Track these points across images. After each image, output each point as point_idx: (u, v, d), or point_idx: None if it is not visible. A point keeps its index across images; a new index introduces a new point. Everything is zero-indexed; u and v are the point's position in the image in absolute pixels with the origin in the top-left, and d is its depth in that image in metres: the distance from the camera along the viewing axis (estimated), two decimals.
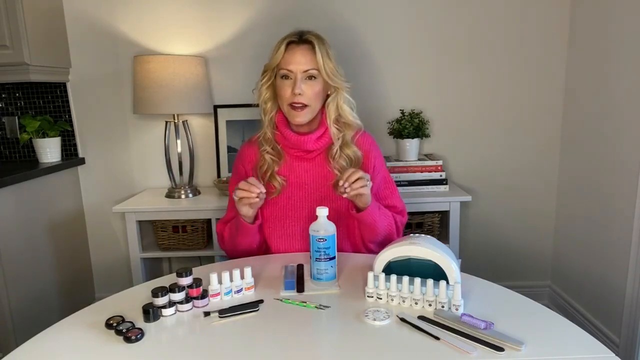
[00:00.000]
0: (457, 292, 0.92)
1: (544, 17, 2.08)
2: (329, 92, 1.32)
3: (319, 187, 1.33)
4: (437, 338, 0.84)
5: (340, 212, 1.30)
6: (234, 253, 1.37)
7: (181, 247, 2.01)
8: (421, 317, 0.91)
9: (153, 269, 2.17)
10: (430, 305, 0.94)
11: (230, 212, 1.40)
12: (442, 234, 2.05)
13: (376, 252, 1.08)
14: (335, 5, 2.08)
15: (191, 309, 0.98)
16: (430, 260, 0.98)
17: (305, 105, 1.26)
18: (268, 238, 1.34)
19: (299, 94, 1.24)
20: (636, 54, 1.65)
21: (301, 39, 1.27)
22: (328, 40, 1.32)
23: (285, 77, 1.26)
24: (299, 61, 1.25)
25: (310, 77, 1.26)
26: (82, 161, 2.19)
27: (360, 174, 1.15)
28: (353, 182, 1.14)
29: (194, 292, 0.99)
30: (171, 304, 0.96)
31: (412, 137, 2.00)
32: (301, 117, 1.27)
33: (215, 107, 2.13)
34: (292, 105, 1.26)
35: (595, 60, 1.90)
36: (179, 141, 2.02)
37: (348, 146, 1.32)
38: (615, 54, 1.77)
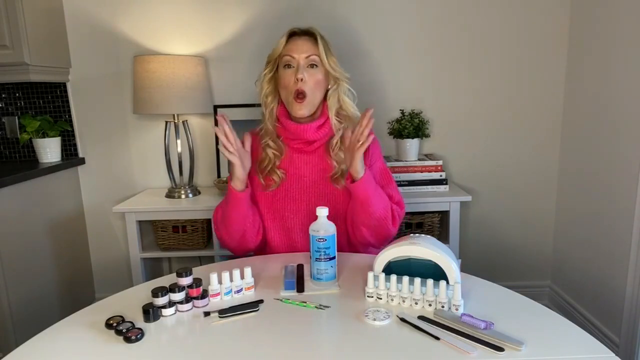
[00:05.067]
0: (457, 292, 0.92)
1: (544, 17, 2.08)
2: (329, 86, 1.33)
3: (318, 179, 1.33)
4: (437, 338, 0.84)
5: (337, 207, 1.30)
6: (227, 236, 1.31)
7: (181, 247, 2.01)
8: (421, 317, 0.91)
9: (153, 269, 2.17)
10: (430, 305, 0.94)
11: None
12: (442, 234, 2.05)
13: (375, 252, 1.08)
14: (335, 5, 2.08)
15: (191, 309, 0.98)
16: (430, 260, 0.98)
17: (305, 96, 1.27)
18: (267, 231, 1.34)
19: (301, 80, 1.25)
20: (636, 53, 1.65)
21: (303, 31, 1.32)
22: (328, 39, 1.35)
23: (288, 65, 1.29)
24: (301, 48, 1.28)
25: (312, 65, 1.28)
26: (82, 161, 2.19)
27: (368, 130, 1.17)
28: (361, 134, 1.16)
29: (194, 292, 0.99)
30: (171, 304, 0.96)
31: (412, 137, 2.00)
32: (302, 109, 1.28)
33: (215, 107, 2.13)
34: (295, 93, 1.26)
35: (595, 60, 1.90)
36: (179, 141, 2.02)
37: None
38: (615, 54, 1.77)
